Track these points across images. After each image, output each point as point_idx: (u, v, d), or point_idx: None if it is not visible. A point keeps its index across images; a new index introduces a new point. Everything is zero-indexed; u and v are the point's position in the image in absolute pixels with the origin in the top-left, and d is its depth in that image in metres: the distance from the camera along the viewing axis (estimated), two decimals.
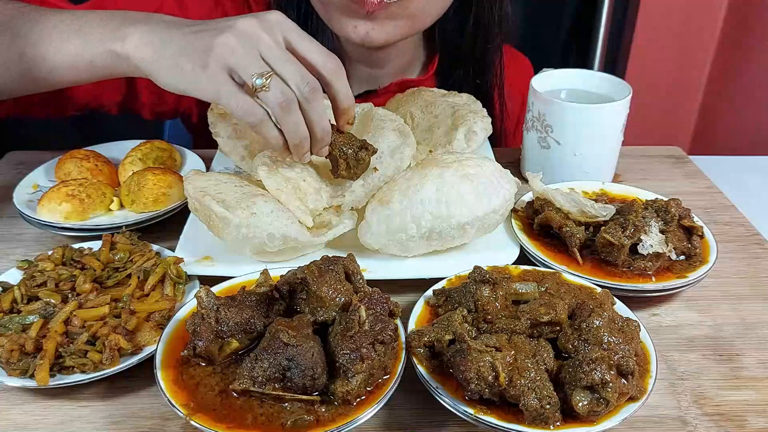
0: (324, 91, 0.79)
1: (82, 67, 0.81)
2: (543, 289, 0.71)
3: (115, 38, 0.78)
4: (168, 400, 0.59)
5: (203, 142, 1.11)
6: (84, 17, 0.81)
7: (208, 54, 0.72)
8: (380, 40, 1.00)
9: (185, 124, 1.35)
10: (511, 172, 0.85)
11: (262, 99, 0.73)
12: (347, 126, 0.84)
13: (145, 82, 1.06)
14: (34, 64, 0.82)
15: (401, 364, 0.63)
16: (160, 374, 0.62)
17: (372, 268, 0.79)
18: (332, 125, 0.81)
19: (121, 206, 0.93)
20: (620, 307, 0.71)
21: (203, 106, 1.03)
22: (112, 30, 0.78)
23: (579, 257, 0.80)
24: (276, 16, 0.75)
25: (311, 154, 0.81)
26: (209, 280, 0.75)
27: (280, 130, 0.76)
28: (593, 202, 0.85)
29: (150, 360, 0.65)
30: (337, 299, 0.66)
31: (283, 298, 0.68)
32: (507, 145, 1.31)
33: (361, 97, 1.20)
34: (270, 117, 0.75)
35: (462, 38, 1.15)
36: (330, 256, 0.71)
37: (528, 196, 0.93)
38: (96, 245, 0.83)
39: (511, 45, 1.28)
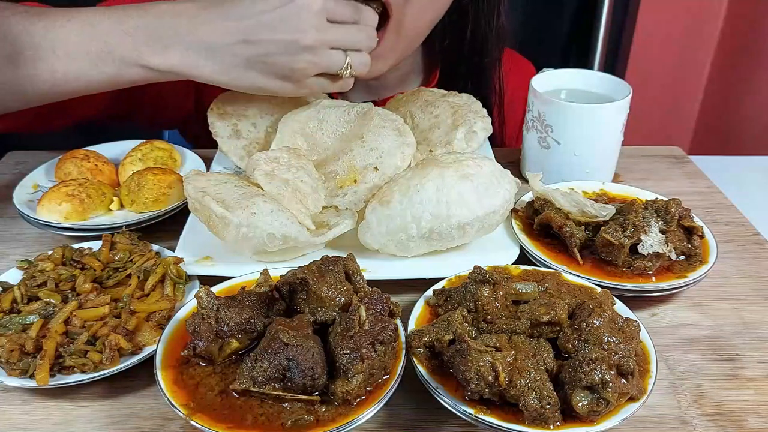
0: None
1: (111, 82, 0.83)
2: (543, 289, 0.71)
3: (150, 53, 0.80)
4: (168, 400, 0.59)
5: (203, 142, 1.11)
6: (102, 26, 0.81)
7: (293, 73, 0.84)
8: (384, 69, 1.02)
9: (182, 135, 1.36)
10: (511, 172, 0.85)
11: (354, 73, 0.89)
12: None
13: (148, 99, 1.06)
14: (64, 81, 0.82)
15: (401, 364, 0.63)
16: (160, 374, 0.62)
17: (372, 268, 0.79)
18: None
19: (121, 206, 0.93)
20: (620, 307, 0.71)
21: (201, 115, 1.03)
22: (145, 44, 0.80)
23: (579, 257, 0.80)
24: (315, 5, 0.80)
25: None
26: (209, 280, 0.75)
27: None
28: (593, 202, 0.85)
29: (150, 360, 0.65)
30: (337, 299, 0.66)
31: (283, 298, 0.68)
32: None
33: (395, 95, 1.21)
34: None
35: (460, 52, 1.15)
36: (330, 256, 0.71)
37: (528, 196, 0.93)
38: (96, 245, 0.83)
39: (511, 46, 1.28)
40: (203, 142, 1.06)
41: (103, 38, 0.81)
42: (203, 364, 0.64)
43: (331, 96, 1.10)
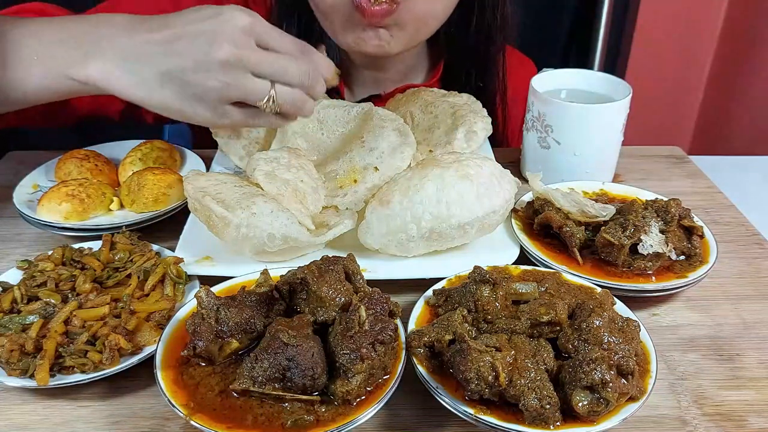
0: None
1: (52, 92, 0.78)
2: (543, 289, 0.71)
3: (74, 63, 0.74)
4: (168, 400, 0.59)
5: (203, 142, 1.11)
6: (44, 35, 0.76)
7: (206, 93, 0.74)
8: (395, 50, 1.00)
9: (189, 124, 1.35)
10: (511, 172, 0.85)
11: (279, 107, 0.78)
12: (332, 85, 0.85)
13: None
14: (7, 88, 0.77)
15: (401, 364, 0.63)
16: (160, 374, 0.62)
17: (372, 268, 0.79)
18: None
19: (121, 206, 0.93)
20: (620, 307, 0.71)
21: None
22: (71, 55, 0.75)
23: (579, 257, 0.80)
24: (241, 21, 0.73)
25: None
26: (209, 280, 0.75)
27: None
28: (593, 202, 0.85)
29: (150, 360, 0.65)
30: (337, 299, 0.66)
31: (283, 298, 0.68)
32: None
33: (365, 101, 1.21)
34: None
35: (465, 41, 1.15)
36: (330, 256, 0.71)
37: (528, 196, 0.93)
38: (96, 245, 0.83)
39: (512, 45, 1.28)
40: (206, 141, 1.05)
41: (39, 48, 0.76)
42: (203, 364, 0.64)
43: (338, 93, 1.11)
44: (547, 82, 1.04)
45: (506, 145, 1.28)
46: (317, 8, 1.01)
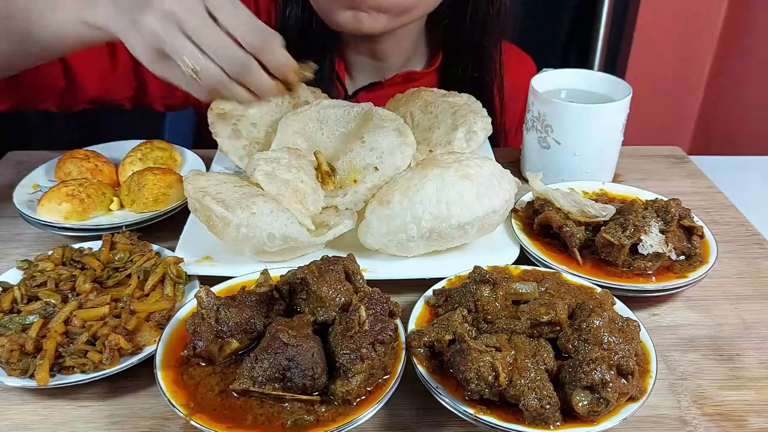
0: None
1: (69, 40, 0.80)
2: (543, 289, 0.71)
3: (84, 7, 0.77)
4: (168, 400, 0.59)
5: (203, 142, 1.11)
6: None
7: (142, 33, 0.71)
8: (373, 28, 1.02)
9: (198, 112, 1.36)
10: (511, 172, 0.85)
11: (200, 80, 0.73)
12: (294, 84, 0.81)
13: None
14: (23, 39, 0.81)
15: (401, 364, 0.63)
16: (160, 374, 0.62)
17: (372, 268, 0.79)
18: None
19: (121, 206, 0.93)
20: (620, 307, 0.71)
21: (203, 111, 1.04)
22: (82, 1, 0.77)
23: (579, 257, 0.80)
24: None
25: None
26: (209, 280, 0.75)
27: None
28: (593, 202, 0.85)
29: (150, 360, 0.65)
30: (337, 299, 0.66)
31: (283, 298, 0.68)
32: (508, 143, 1.32)
33: (367, 89, 1.22)
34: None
35: (460, 31, 1.16)
36: (330, 256, 0.71)
37: (528, 196, 0.93)
38: (96, 245, 0.83)
39: (511, 41, 1.29)
40: (206, 141, 1.06)
41: None
42: (203, 364, 0.64)
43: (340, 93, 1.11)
44: (547, 82, 1.04)
45: (504, 139, 1.29)
46: None
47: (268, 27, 0.75)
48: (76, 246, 0.82)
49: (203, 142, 1.12)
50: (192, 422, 0.57)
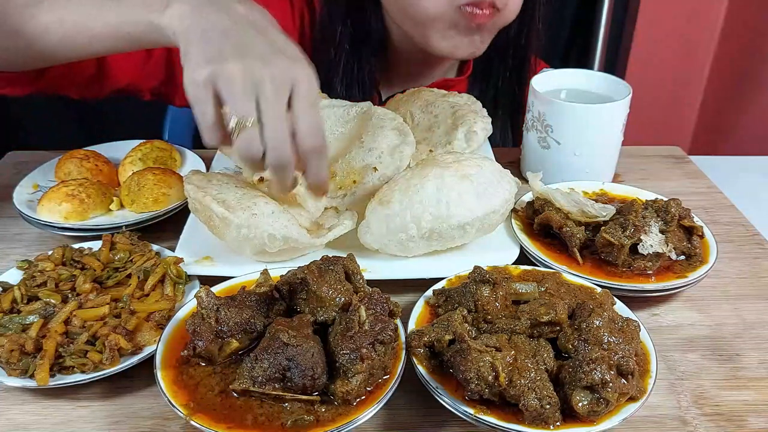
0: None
1: (122, 37, 0.78)
2: (543, 289, 0.71)
3: (153, 8, 0.73)
4: (168, 400, 0.59)
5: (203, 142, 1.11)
6: None
7: (218, 68, 0.66)
8: (481, 51, 1.06)
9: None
10: (511, 172, 0.85)
11: (235, 136, 0.67)
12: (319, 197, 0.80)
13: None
14: (75, 31, 0.79)
15: (401, 364, 0.63)
16: (160, 374, 0.62)
17: (372, 268, 0.79)
18: None
19: (121, 206, 0.93)
20: (620, 307, 0.71)
21: None
22: (152, 1, 0.74)
23: (579, 257, 0.80)
24: (301, 72, 0.68)
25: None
26: (209, 280, 0.75)
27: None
28: (593, 202, 0.85)
29: (150, 360, 0.65)
30: (337, 299, 0.66)
31: (283, 298, 0.68)
32: None
33: (395, 95, 1.21)
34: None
35: (497, 47, 1.17)
36: (330, 256, 0.71)
37: (528, 196, 0.93)
38: (96, 245, 0.83)
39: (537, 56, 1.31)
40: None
41: None
42: (203, 364, 0.64)
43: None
44: (547, 82, 1.04)
45: None
46: (414, 17, 1.04)
47: (326, 136, 0.72)
48: (76, 246, 0.82)
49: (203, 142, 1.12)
50: (192, 422, 0.57)
